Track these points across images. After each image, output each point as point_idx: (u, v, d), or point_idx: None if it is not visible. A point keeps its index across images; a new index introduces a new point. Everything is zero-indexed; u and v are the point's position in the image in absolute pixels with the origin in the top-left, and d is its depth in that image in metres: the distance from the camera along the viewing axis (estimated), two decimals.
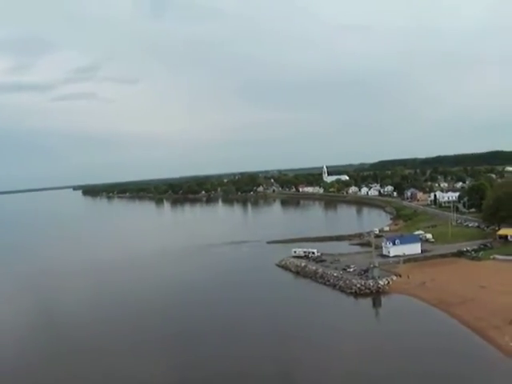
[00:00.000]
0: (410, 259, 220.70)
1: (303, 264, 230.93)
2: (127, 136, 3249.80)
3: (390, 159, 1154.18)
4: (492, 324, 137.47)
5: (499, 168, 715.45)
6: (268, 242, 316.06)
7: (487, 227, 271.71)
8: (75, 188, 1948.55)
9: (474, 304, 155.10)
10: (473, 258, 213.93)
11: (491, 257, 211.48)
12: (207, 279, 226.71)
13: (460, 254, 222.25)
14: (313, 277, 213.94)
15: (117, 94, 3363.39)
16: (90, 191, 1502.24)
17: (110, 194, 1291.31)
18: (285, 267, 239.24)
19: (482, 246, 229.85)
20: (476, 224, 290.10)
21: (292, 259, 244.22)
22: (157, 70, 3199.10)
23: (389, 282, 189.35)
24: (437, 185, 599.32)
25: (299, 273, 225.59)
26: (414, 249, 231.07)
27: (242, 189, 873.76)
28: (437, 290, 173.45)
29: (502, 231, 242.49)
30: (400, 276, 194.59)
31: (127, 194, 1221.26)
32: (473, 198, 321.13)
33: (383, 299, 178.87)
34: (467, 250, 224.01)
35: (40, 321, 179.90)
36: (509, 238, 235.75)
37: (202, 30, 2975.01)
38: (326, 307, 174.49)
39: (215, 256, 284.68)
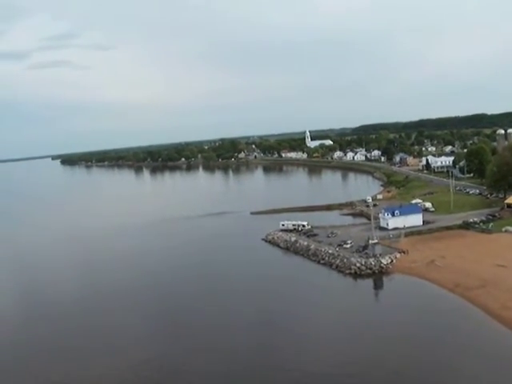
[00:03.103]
0: (412, 232, 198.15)
1: (293, 239, 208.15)
2: (105, 104, 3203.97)
3: (372, 123, 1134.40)
4: None
5: (487, 131, 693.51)
6: (252, 213, 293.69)
7: (491, 195, 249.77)
8: (54, 157, 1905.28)
9: (497, 288, 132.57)
10: (482, 231, 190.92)
11: (503, 229, 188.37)
12: (188, 257, 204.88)
13: (467, 225, 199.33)
14: (305, 254, 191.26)
15: (94, 61, 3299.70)
16: (69, 160, 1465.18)
17: (89, 163, 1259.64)
18: (272, 242, 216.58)
19: (490, 217, 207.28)
20: (477, 191, 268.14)
21: (280, 233, 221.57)
22: (135, 37, 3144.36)
23: (392, 261, 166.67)
24: (424, 149, 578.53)
25: (289, 249, 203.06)
26: (416, 220, 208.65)
27: (222, 155, 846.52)
28: (449, 270, 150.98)
29: (511, 199, 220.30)
30: (404, 253, 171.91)
31: (106, 162, 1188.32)
32: (472, 163, 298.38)
33: (387, 281, 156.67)
34: (475, 222, 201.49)
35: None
36: None
37: None
38: (322, 290, 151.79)
39: (195, 230, 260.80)
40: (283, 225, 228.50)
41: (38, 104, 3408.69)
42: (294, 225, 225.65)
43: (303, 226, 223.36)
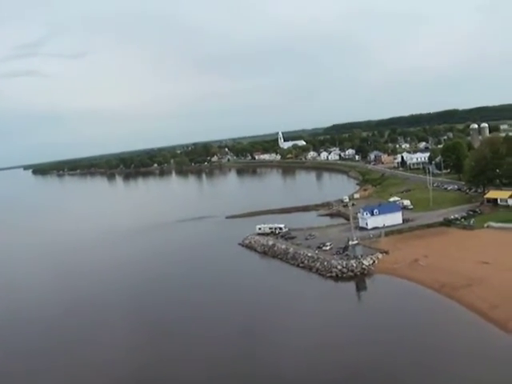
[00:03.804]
0: (392, 231, 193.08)
1: (270, 242, 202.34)
2: (76, 112, 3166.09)
3: (344, 122, 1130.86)
4: None
5: (459, 126, 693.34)
6: (227, 217, 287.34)
7: (469, 190, 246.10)
8: (25, 167, 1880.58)
9: (484, 286, 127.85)
10: (464, 227, 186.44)
11: (485, 225, 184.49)
12: (163, 265, 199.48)
13: (448, 222, 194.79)
14: (283, 257, 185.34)
15: (63, 69, 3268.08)
16: (40, 170, 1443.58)
17: (61, 172, 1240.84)
18: (249, 247, 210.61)
19: (470, 213, 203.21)
20: (456, 187, 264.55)
21: (257, 237, 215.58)
22: (104, 44, 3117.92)
23: (374, 262, 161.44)
24: (398, 146, 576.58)
25: (267, 253, 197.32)
26: (395, 218, 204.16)
27: (195, 159, 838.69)
28: (433, 269, 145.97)
29: (491, 194, 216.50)
30: (386, 253, 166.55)
31: (78, 170, 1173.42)
32: (448, 159, 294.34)
33: (370, 284, 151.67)
34: (456, 218, 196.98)
35: None
36: (498, 201, 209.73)
37: (149, 2, 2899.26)
38: (302, 295, 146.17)
39: (170, 237, 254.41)
40: (260, 228, 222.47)
41: (8, 114, 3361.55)
42: (270, 228, 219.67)
43: (280, 228, 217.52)
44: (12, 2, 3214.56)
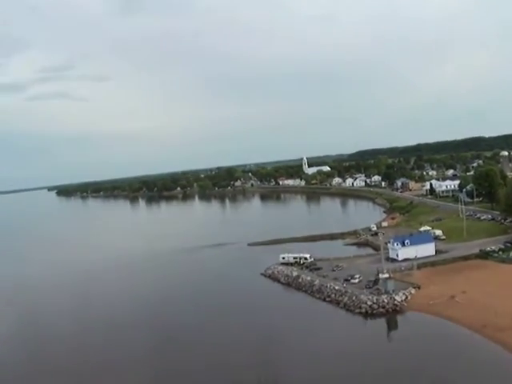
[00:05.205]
0: (425, 263, 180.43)
1: (295, 274, 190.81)
2: (102, 135, 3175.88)
3: (368, 149, 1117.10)
4: None
5: (486, 153, 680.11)
6: (249, 244, 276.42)
7: (505, 220, 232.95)
8: (50, 189, 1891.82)
9: None
10: (503, 261, 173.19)
11: None
12: (177, 298, 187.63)
13: (485, 254, 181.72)
14: (308, 290, 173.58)
15: (90, 92, 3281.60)
16: (64, 191, 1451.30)
17: (84, 194, 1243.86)
18: (272, 277, 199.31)
19: (508, 245, 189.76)
20: (490, 216, 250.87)
21: (280, 267, 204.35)
22: (130, 67, 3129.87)
23: (407, 297, 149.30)
24: (424, 173, 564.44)
25: (290, 284, 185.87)
26: (428, 250, 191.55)
27: (219, 184, 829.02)
28: (473, 307, 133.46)
29: None
30: (419, 288, 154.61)
31: (101, 193, 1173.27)
32: (480, 187, 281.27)
33: (402, 322, 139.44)
34: (493, 250, 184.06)
35: None
36: None
37: (173, 25, 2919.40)
38: (329, 335, 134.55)
39: (187, 265, 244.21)
40: (283, 258, 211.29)
41: (35, 136, 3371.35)
42: (295, 257, 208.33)
43: (305, 258, 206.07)
44: (37, 26, 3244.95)
